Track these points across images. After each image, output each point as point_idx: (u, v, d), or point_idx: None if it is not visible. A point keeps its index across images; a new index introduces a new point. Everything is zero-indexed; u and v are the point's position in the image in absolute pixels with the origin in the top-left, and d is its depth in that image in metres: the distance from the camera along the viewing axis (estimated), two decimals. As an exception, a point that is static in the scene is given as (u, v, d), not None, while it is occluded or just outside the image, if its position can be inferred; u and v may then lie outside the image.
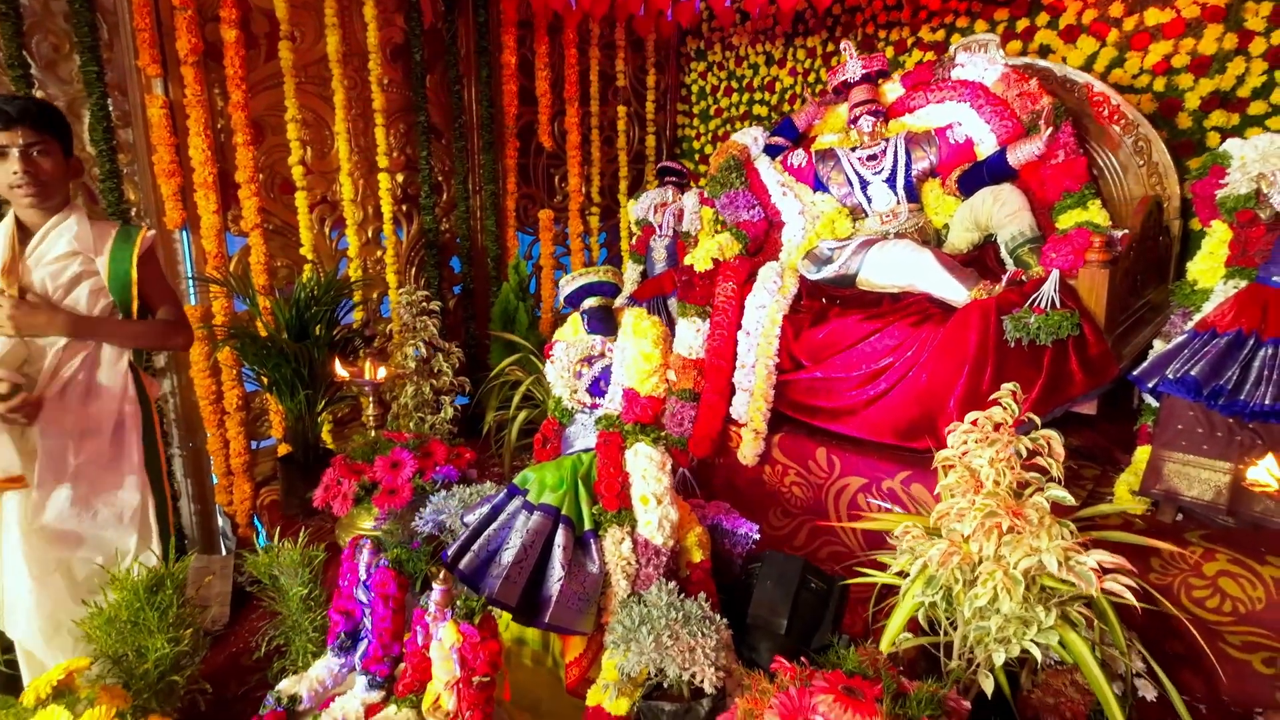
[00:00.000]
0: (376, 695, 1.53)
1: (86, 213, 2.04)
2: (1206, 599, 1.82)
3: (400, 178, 3.71)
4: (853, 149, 2.95)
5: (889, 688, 1.15)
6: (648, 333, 1.77)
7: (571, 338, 1.95)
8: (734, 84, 4.56)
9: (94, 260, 2.02)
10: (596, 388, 1.86)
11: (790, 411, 2.76)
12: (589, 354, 1.87)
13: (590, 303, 1.83)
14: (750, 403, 2.74)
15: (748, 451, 2.73)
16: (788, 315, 2.71)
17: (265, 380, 2.93)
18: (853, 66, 2.95)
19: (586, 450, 1.84)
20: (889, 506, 2.37)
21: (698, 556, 1.79)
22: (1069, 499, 1.25)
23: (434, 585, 1.43)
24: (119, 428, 2.10)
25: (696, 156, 4.80)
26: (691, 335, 2.85)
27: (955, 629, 1.36)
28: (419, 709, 1.51)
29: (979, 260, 2.66)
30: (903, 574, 1.54)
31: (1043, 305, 2.03)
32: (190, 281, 3.03)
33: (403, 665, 1.53)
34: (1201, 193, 2.09)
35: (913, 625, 1.49)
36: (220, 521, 3.47)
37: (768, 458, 2.75)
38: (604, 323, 1.83)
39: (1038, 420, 1.33)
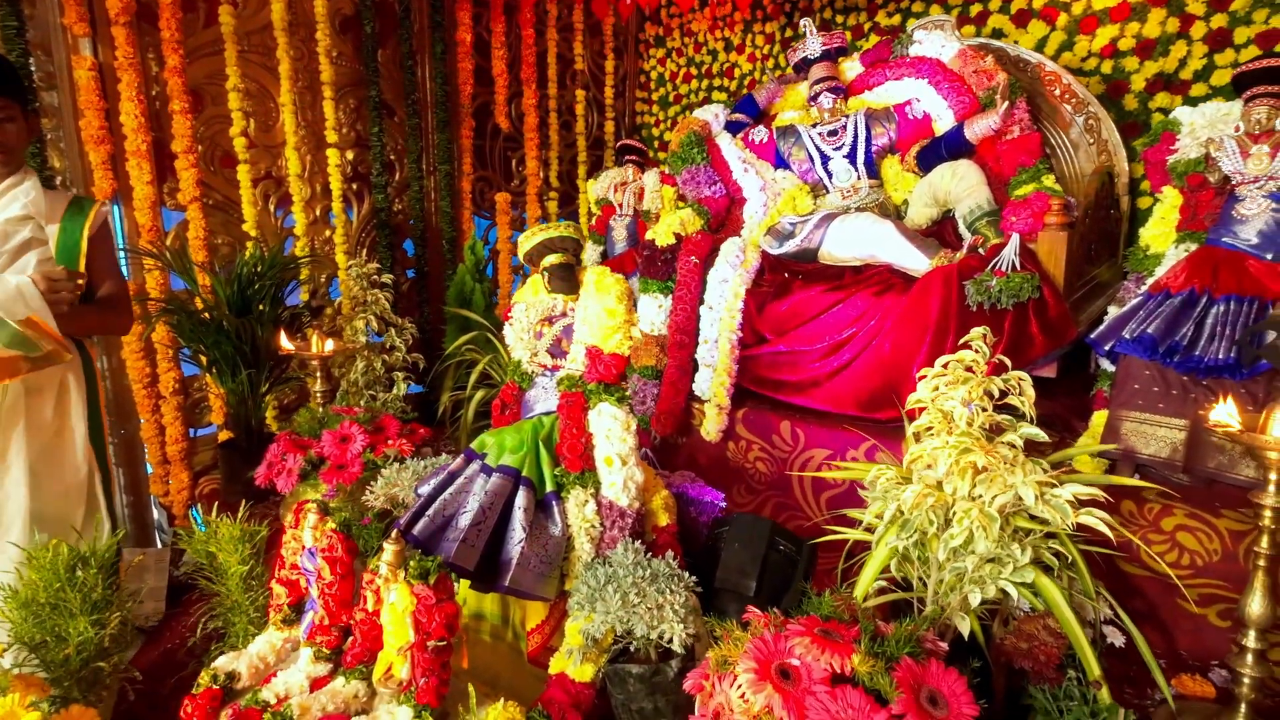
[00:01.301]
0: (323, 668, 1.42)
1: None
2: (1165, 554, 1.85)
3: (350, 155, 3.57)
4: (813, 125, 2.95)
5: (866, 629, 1.11)
6: (611, 288, 1.71)
7: (531, 298, 1.88)
8: (693, 70, 4.55)
9: (44, 229, 1.89)
10: (557, 348, 1.78)
11: (754, 386, 2.73)
12: (550, 314, 1.80)
13: (551, 260, 1.76)
14: (713, 378, 2.70)
15: (711, 427, 2.69)
16: (750, 289, 2.69)
17: (204, 360, 2.77)
18: (813, 43, 2.95)
19: (548, 413, 1.77)
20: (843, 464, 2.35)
21: (664, 520, 1.73)
22: (1042, 435, 1.24)
23: (385, 545, 1.34)
24: (62, 390, 1.94)
25: (656, 143, 4.76)
26: (654, 311, 2.81)
27: (927, 582, 1.33)
28: (369, 680, 1.41)
29: (938, 235, 2.68)
30: (871, 529, 1.51)
31: (1004, 268, 2.04)
32: (122, 255, 2.84)
33: (351, 636, 1.43)
34: (1153, 158, 2.13)
35: (883, 590, 1.46)
36: (155, 513, 3.27)
37: (731, 434, 2.71)
38: (565, 281, 1.76)
39: (1008, 362, 1.31)
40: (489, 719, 1.35)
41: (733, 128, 3.14)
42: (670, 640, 1.40)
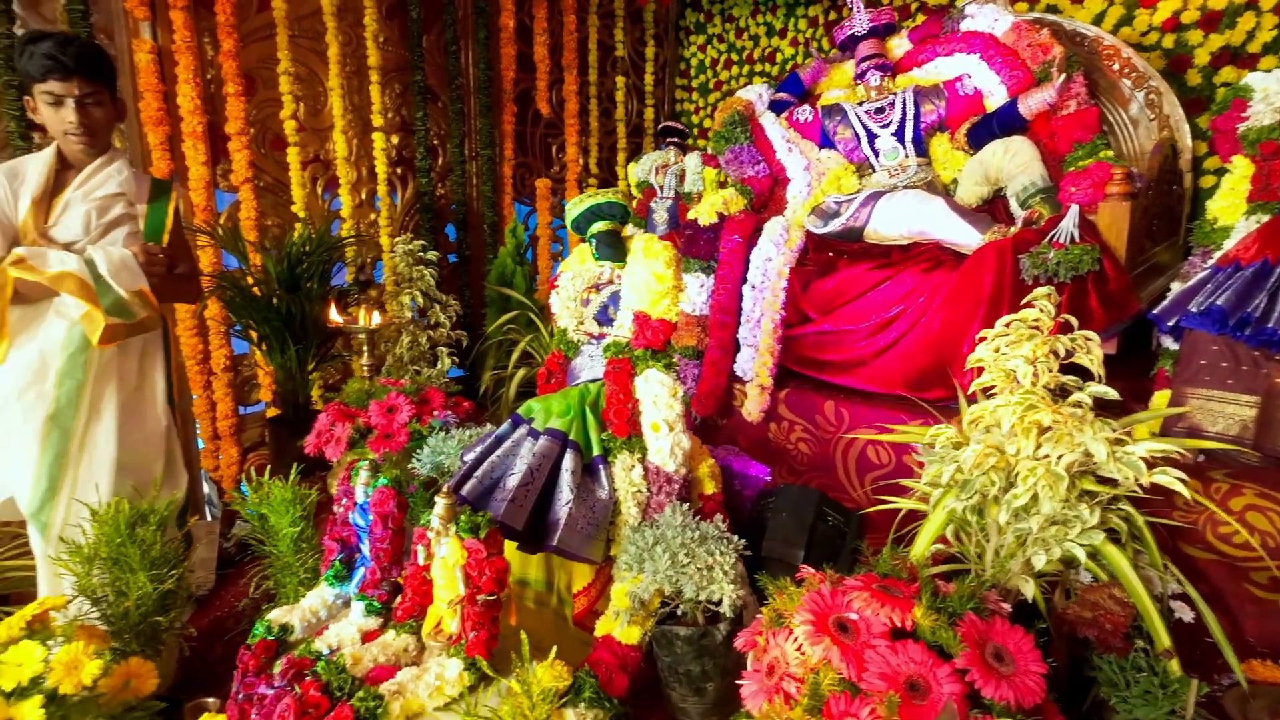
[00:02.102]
0: (374, 622, 1.44)
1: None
2: (1233, 535, 1.77)
3: (395, 139, 3.63)
4: (860, 103, 2.90)
5: (926, 585, 1.08)
6: (660, 254, 1.70)
7: (578, 267, 1.88)
8: (734, 56, 4.51)
9: (134, 206, 2.02)
10: (604, 315, 1.78)
11: (796, 367, 2.69)
12: (597, 281, 1.79)
13: (598, 227, 1.76)
14: (756, 358, 2.67)
15: (753, 407, 2.66)
16: (794, 268, 2.65)
17: (255, 335, 2.83)
18: (860, 20, 2.90)
19: (594, 380, 1.76)
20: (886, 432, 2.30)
21: (710, 488, 1.72)
22: (1112, 393, 1.19)
23: (437, 499, 1.35)
24: (145, 348, 2.05)
25: (695, 131, 4.74)
26: (695, 290, 2.78)
27: (985, 551, 1.29)
28: (419, 634, 1.42)
29: (989, 213, 2.61)
30: (926, 499, 1.47)
31: (1062, 240, 1.98)
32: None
33: (402, 591, 1.45)
34: (1223, 127, 2.04)
35: (938, 558, 1.42)
36: (206, 487, 3.36)
37: (773, 414, 2.68)
38: (613, 247, 1.75)
39: (1074, 321, 1.27)
40: (537, 676, 1.35)
41: (777, 107, 3.10)
42: (719, 602, 1.38)
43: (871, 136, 2.83)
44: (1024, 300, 1.32)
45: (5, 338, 1.84)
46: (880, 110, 2.83)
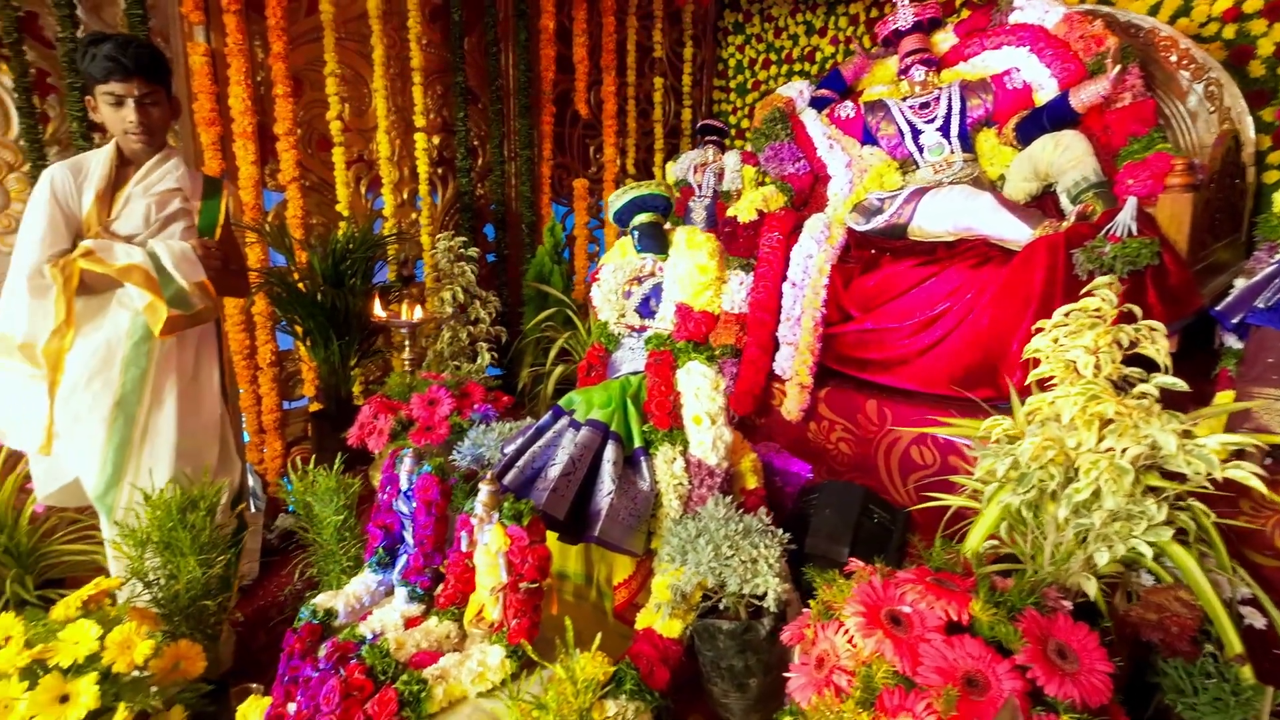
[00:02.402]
0: (416, 608, 1.45)
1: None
2: (1303, 542, 1.68)
3: (436, 140, 3.68)
4: (904, 99, 2.85)
5: (984, 580, 1.04)
6: (703, 245, 1.69)
7: (619, 260, 1.87)
8: (772, 56, 4.48)
9: (189, 202, 2.08)
10: (646, 307, 1.77)
11: (837, 365, 2.65)
12: (639, 274, 1.79)
13: (641, 219, 1.75)
14: (796, 356, 2.63)
15: (792, 406, 2.63)
16: (836, 265, 2.61)
17: (299, 330, 2.89)
18: (904, 14, 2.85)
19: (635, 373, 1.75)
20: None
21: (752, 483, 1.69)
22: (1181, 384, 1.14)
23: (480, 486, 1.35)
24: (200, 339, 2.12)
25: (733, 131, 4.72)
26: (734, 288, 2.76)
27: (1042, 547, 1.24)
28: (460, 622, 1.42)
29: (1039, 210, 2.53)
30: (978, 496, 1.43)
31: (1119, 234, 1.91)
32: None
33: (444, 578, 1.45)
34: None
35: (990, 557, 1.38)
36: (250, 480, 3.44)
37: (813, 413, 2.64)
38: (655, 239, 1.74)
39: (1137, 311, 1.22)
40: (579, 666, 1.34)
41: (817, 104, 3.07)
42: (763, 597, 1.36)
43: (916, 132, 2.78)
44: (1083, 291, 1.27)
45: (72, 327, 1.90)
46: (925, 105, 2.78)
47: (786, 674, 1.24)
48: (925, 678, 0.93)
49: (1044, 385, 1.26)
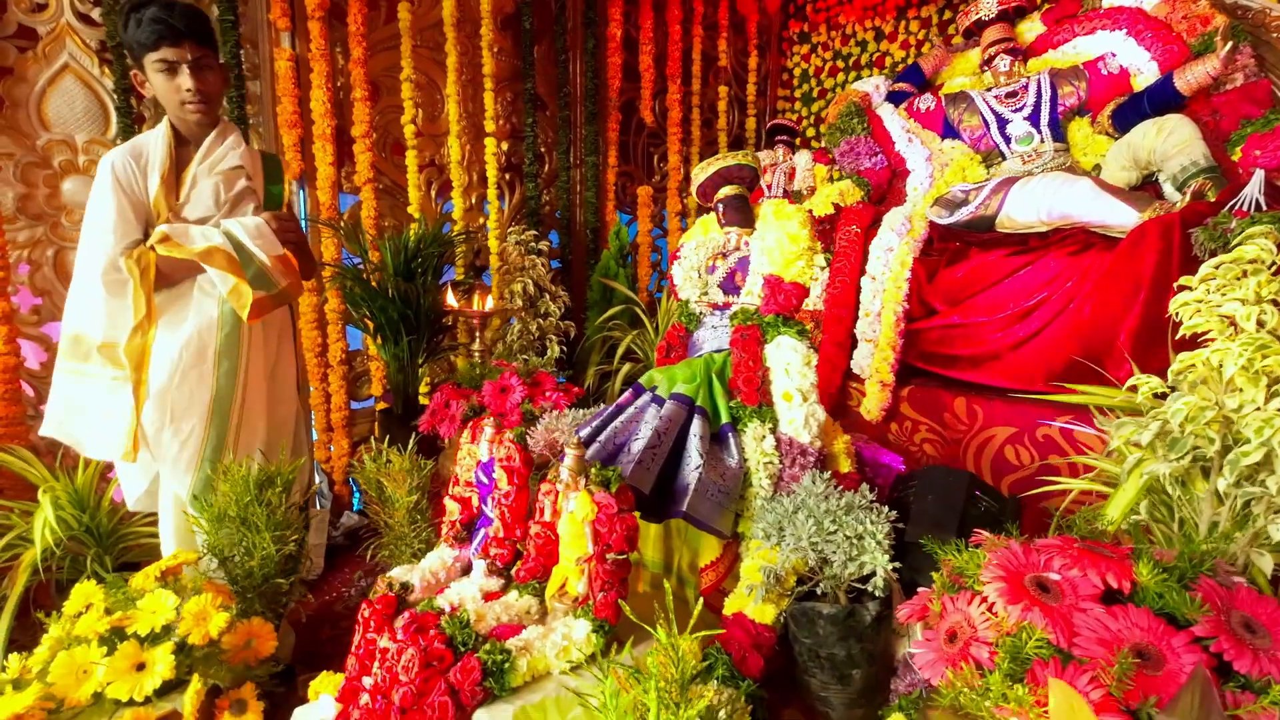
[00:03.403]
0: (495, 583, 1.38)
1: None
2: None
3: (505, 145, 3.71)
4: (988, 89, 2.74)
5: (1144, 547, 0.92)
6: (793, 215, 1.61)
7: (701, 237, 1.81)
8: (840, 63, 4.42)
9: (253, 180, 2.00)
10: (730, 283, 1.70)
11: (919, 363, 2.52)
12: (723, 249, 1.72)
13: (726, 191, 1.69)
14: (875, 353, 2.52)
15: (872, 405, 2.50)
16: (918, 258, 2.50)
17: (370, 325, 2.91)
18: (988, 3, 2.76)
19: (719, 351, 1.68)
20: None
21: (845, 466, 1.59)
22: (1366, 335, 1.00)
23: (566, 450, 1.28)
24: (282, 329, 2.07)
25: (798, 141, 4.65)
26: (809, 283, 2.67)
27: (1198, 516, 1.10)
28: (541, 596, 1.35)
29: (1146, 193, 2.38)
30: (1109, 480, 1.30)
31: (1246, 209, 1.76)
32: (304, 226, 3.06)
33: (524, 553, 1.38)
34: None
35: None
36: (317, 478, 3.46)
37: (894, 413, 2.51)
38: (740, 213, 1.68)
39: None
40: (650, 655, 1.25)
41: (895, 98, 2.98)
42: (867, 578, 1.25)
43: (1002, 122, 2.66)
44: (1234, 241, 1.15)
45: (154, 322, 1.79)
46: (1012, 94, 2.66)
47: (894, 665, 1.13)
48: (1086, 649, 0.82)
49: (1194, 344, 1.13)
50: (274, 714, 1.63)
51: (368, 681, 1.32)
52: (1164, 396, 1.21)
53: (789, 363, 1.54)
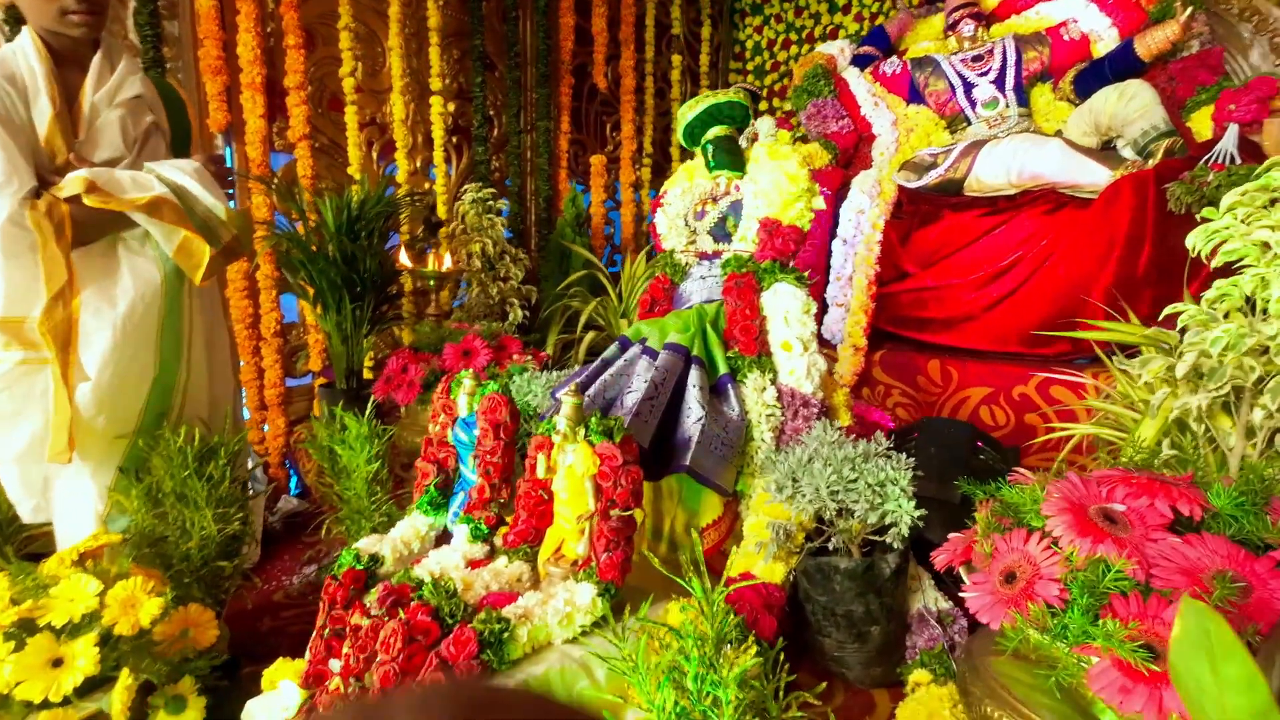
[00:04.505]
0: (480, 549, 1.24)
1: None
2: None
3: (452, 106, 3.50)
4: (954, 53, 2.73)
5: (1202, 476, 0.87)
6: (790, 155, 1.52)
7: (686, 183, 1.70)
8: (793, 36, 4.38)
9: (155, 113, 1.72)
10: (721, 230, 1.59)
11: (891, 327, 2.49)
12: (712, 194, 1.61)
13: (716, 131, 1.58)
14: (848, 318, 2.47)
15: (845, 370, 2.46)
16: (889, 221, 2.47)
17: (310, 291, 2.67)
18: (952, -33, 2.74)
19: (710, 302, 1.57)
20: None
21: (846, 419, 1.51)
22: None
23: (562, 399, 1.16)
24: (214, 299, 1.86)
25: (753, 115, 4.59)
26: (779, 248, 2.60)
27: (1229, 450, 1.07)
28: (533, 562, 1.22)
29: (1115, 153, 2.40)
30: (1120, 425, 1.26)
31: (1221, 162, 1.78)
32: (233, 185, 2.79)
33: (514, 514, 1.25)
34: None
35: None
36: (250, 461, 3.19)
37: (866, 378, 2.47)
38: (731, 154, 1.57)
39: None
40: (669, 616, 1.14)
41: (860, 62, 2.94)
42: (882, 532, 1.18)
43: (968, 86, 2.65)
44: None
45: (76, 291, 1.50)
46: (978, 58, 2.66)
47: (907, 621, 1.06)
48: (1167, 579, 0.75)
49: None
50: (217, 710, 1.46)
51: (336, 664, 1.16)
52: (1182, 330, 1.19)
53: (788, 310, 1.45)
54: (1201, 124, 2.29)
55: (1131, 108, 2.34)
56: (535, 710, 0.31)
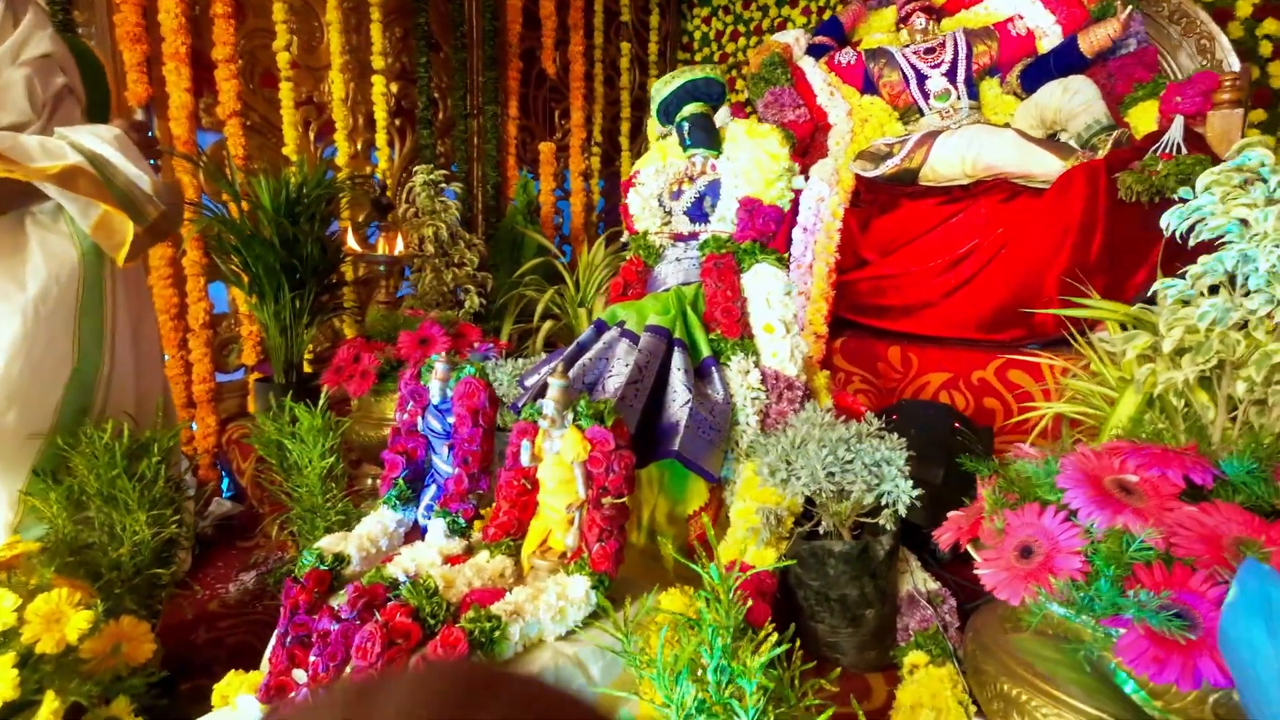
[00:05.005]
0: (458, 544, 1.16)
1: None
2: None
3: (394, 87, 3.34)
4: (906, 45, 2.77)
5: (1205, 446, 0.87)
6: (770, 133, 1.49)
7: (659, 163, 1.64)
8: (740, 28, 4.39)
9: (67, 74, 1.53)
10: (698, 210, 1.55)
11: (850, 315, 2.51)
12: (689, 173, 1.56)
13: (692, 109, 1.53)
14: (809, 305, 2.47)
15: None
16: (849, 208, 2.48)
17: (245, 279, 2.49)
18: (904, -40, 2.78)
19: (687, 284, 1.53)
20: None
21: (826, 401, 1.49)
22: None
23: (550, 381, 1.09)
24: (140, 283, 1.70)
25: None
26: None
27: (1211, 425, 1.10)
28: (516, 556, 1.15)
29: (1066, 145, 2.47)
30: (1089, 403, 1.29)
31: (1170, 152, 1.85)
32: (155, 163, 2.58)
33: (494, 506, 1.17)
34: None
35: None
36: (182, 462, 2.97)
37: (827, 365, 2.48)
38: (708, 132, 1.53)
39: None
40: (666, 604, 1.09)
41: (815, 52, 2.95)
42: (874, 510, 1.16)
43: (921, 78, 2.70)
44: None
45: None
46: (930, 50, 2.70)
47: (898, 604, 1.05)
48: (1187, 548, 0.75)
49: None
50: (157, 731, 1.33)
51: (300, 675, 1.06)
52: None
53: (770, 292, 1.42)
54: (1139, 119, 2.38)
55: (1075, 102, 2.42)
56: (534, 691, 0.30)
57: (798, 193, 2.46)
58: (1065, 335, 2.09)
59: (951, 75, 2.67)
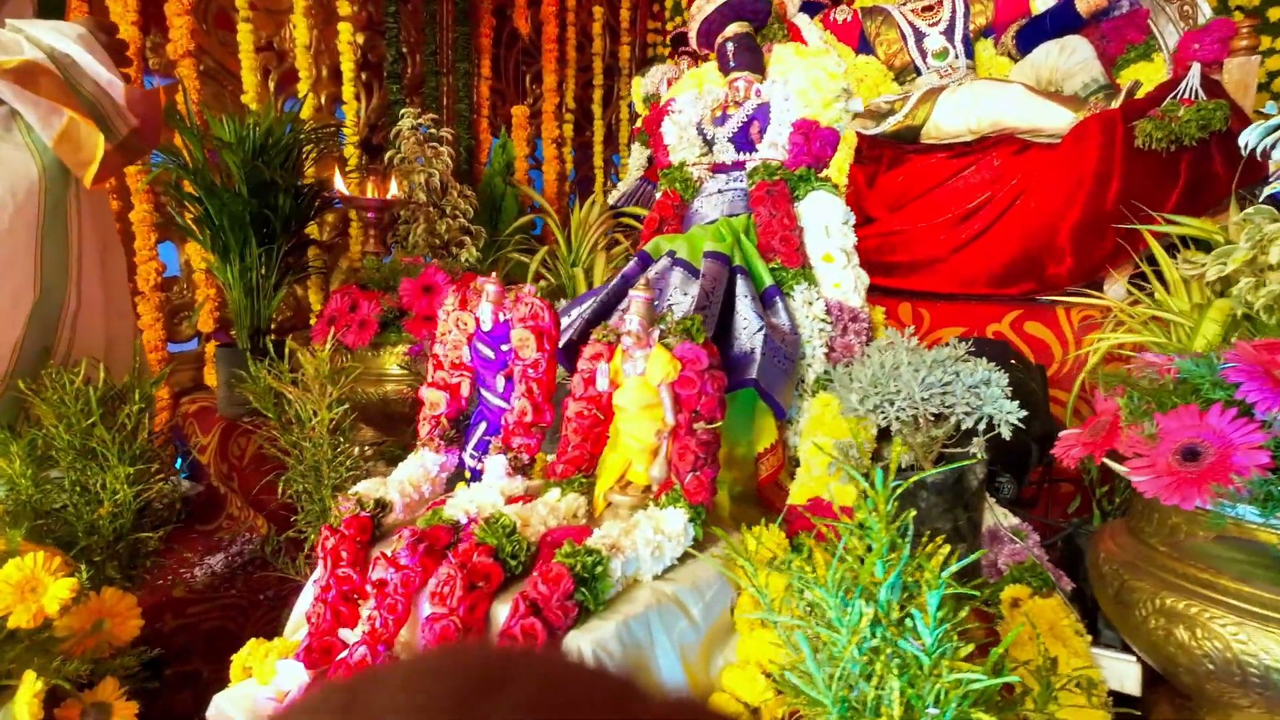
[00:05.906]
0: (521, 484, 1.02)
1: None
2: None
3: (361, 39, 3.11)
4: (903, 3, 2.73)
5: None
6: (824, 52, 1.40)
7: (696, 90, 1.53)
8: (715, -4, 4.30)
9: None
10: (744, 136, 1.44)
11: (857, 274, 2.45)
12: (734, 97, 1.46)
13: (736, 29, 1.43)
14: (815, 263, 2.41)
15: (814, 317, 2.40)
16: (853, 165, 2.42)
17: (206, 234, 2.25)
18: (899, -82, 2.74)
19: (733, 216, 1.42)
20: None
21: (883, 335, 1.42)
22: None
23: (633, 295, 0.96)
24: (102, 206, 1.50)
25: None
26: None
27: None
28: (589, 494, 1.02)
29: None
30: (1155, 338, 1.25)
31: (1190, 98, 1.85)
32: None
33: (561, 438, 1.04)
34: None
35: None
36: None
37: (834, 325, 2.42)
38: (753, 53, 1.43)
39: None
40: (767, 540, 0.99)
41: (809, 9, 2.88)
42: (985, 430, 1.08)
43: (920, 36, 2.67)
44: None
45: None
46: (928, 8, 2.67)
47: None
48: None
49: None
50: (149, 716, 1.16)
51: (349, 634, 0.92)
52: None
53: (829, 220, 1.33)
54: (1131, 80, 2.41)
55: (1073, 61, 2.43)
56: (548, 684, 0.27)
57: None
58: (1076, 287, 2.11)
59: (950, 34, 2.64)
